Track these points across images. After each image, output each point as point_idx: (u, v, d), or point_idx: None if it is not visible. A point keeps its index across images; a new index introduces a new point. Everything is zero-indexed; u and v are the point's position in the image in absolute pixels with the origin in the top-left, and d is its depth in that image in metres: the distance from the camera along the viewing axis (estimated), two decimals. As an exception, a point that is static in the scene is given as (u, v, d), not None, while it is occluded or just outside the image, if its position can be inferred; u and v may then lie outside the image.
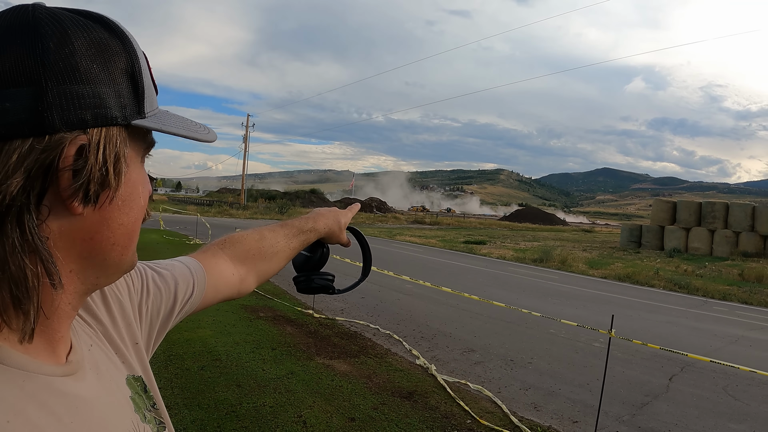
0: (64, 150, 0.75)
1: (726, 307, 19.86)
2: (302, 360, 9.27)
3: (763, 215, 41.05)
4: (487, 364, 10.23)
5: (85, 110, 0.77)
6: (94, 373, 0.95)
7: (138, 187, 0.90)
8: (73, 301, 0.87)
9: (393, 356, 10.06)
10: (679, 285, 24.44)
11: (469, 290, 17.87)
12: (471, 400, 8.16)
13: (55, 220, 0.78)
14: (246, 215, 66.74)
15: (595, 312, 16.47)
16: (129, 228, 0.89)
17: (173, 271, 1.38)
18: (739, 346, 13.24)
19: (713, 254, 41.60)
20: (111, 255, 0.88)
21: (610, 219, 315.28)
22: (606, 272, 28.48)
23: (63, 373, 0.85)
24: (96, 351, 1.02)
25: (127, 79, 0.84)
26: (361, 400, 7.72)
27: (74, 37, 0.77)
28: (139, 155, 0.92)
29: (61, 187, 0.76)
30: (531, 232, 77.95)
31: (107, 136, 0.81)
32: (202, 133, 1.01)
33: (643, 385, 9.59)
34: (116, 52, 0.83)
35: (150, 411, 1.09)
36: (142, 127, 0.88)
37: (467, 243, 44.18)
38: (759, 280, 27.58)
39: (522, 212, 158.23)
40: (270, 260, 1.70)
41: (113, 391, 0.99)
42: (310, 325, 11.78)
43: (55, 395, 0.81)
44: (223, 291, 1.55)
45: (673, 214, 46.68)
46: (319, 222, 1.82)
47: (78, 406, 0.84)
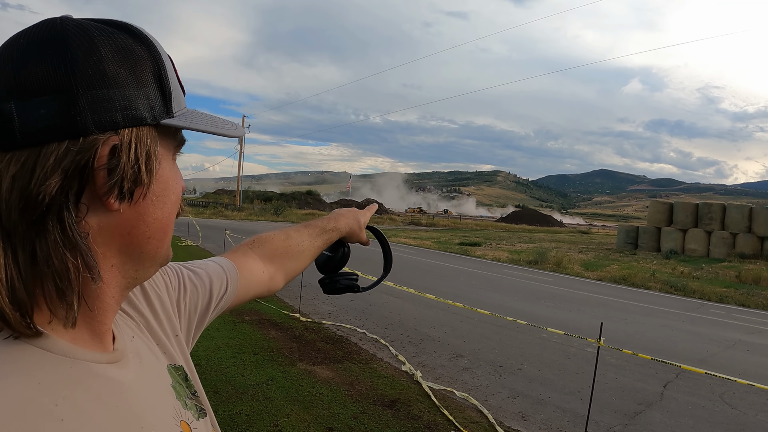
0: (98, 150, 0.80)
1: (723, 310, 19.62)
2: (284, 366, 9.02)
3: (760, 216, 41.08)
4: (475, 370, 9.92)
5: (116, 112, 0.81)
6: (136, 361, 1.00)
7: (171, 183, 0.95)
8: (116, 294, 0.92)
9: (378, 362, 9.79)
10: (675, 287, 24.22)
11: (462, 293, 17.70)
12: (456, 409, 7.86)
13: (94, 216, 0.83)
14: (241, 217, 66.58)
15: (589, 315, 16.16)
16: (163, 222, 0.94)
17: (207, 270, 1.46)
18: (736, 351, 12.92)
19: (710, 256, 41.57)
20: (147, 248, 0.92)
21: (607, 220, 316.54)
22: (601, 274, 28.24)
23: (107, 360, 0.89)
24: (137, 342, 1.07)
25: (154, 81, 0.88)
26: (341, 409, 7.47)
27: (101, 45, 0.82)
28: (170, 153, 0.96)
29: (97, 185, 0.81)
30: (527, 234, 77.93)
31: (138, 135, 0.85)
32: (229, 129, 1.04)
33: (637, 393, 9.24)
34: (142, 57, 0.87)
35: (191, 398, 1.13)
36: (171, 125, 0.91)
37: (462, 245, 44.01)
38: (756, 282, 27.41)
39: (519, 214, 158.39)
40: (296, 259, 1.78)
41: (155, 379, 1.04)
42: (296, 329, 11.52)
43: (100, 381, 0.85)
44: (254, 288, 1.63)
45: (669, 215, 46.70)
46: (340, 221, 1.90)
47: (122, 391, 0.88)
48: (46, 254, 0.77)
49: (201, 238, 29.15)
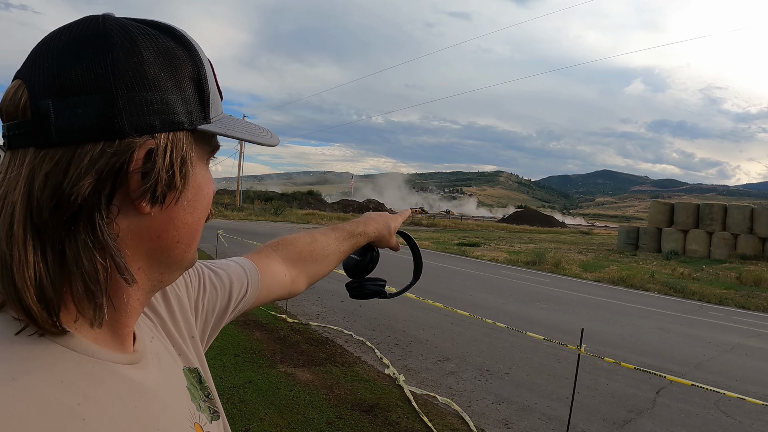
0: (134, 153, 0.79)
1: (722, 312, 19.33)
2: (264, 368, 8.85)
3: (761, 217, 40.96)
4: (461, 374, 9.62)
5: (154, 116, 0.81)
6: (156, 363, 1.00)
7: (203, 188, 0.95)
8: (140, 297, 0.92)
9: (362, 365, 9.56)
10: (674, 289, 23.94)
11: (455, 294, 17.53)
12: (436, 415, 7.62)
13: (125, 219, 0.83)
14: (240, 216, 66.41)
15: (583, 318, 15.83)
16: (193, 227, 0.93)
17: (228, 271, 1.44)
18: (733, 355, 12.55)
19: (711, 257, 41.45)
20: (175, 252, 0.92)
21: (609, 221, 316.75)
22: (600, 275, 27.97)
23: (128, 362, 0.90)
24: (156, 343, 1.07)
25: (193, 86, 0.88)
26: (317, 414, 7.27)
27: (143, 46, 0.81)
28: (204, 158, 0.96)
29: (131, 188, 0.81)
30: (528, 234, 77.92)
31: (174, 140, 0.85)
32: (265, 138, 1.05)
33: (628, 400, 8.89)
34: (182, 60, 0.87)
35: (205, 401, 1.12)
36: (208, 131, 0.91)
37: (461, 245, 43.83)
38: (757, 283, 27.09)
39: (520, 214, 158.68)
40: (321, 263, 1.75)
41: (172, 381, 1.04)
42: (281, 331, 11.33)
43: (121, 381, 0.86)
44: (275, 291, 1.61)
45: (670, 216, 46.57)
46: (370, 226, 1.88)
47: (142, 392, 0.89)
48: (76, 254, 0.77)
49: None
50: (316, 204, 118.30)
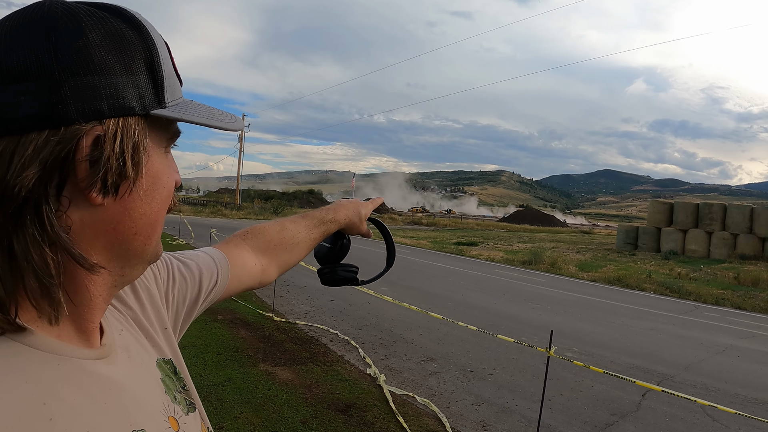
0: (81, 141, 0.76)
1: (718, 313, 19.16)
2: (245, 366, 8.80)
3: (761, 217, 41.04)
4: (443, 375, 9.49)
5: (101, 101, 0.78)
6: (125, 356, 0.98)
7: (161, 177, 0.91)
8: (104, 292, 0.89)
9: (344, 364, 9.48)
10: (670, 289, 23.81)
11: (447, 293, 17.43)
12: (413, 416, 7.53)
13: (77, 211, 0.79)
14: (239, 216, 66.52)
15: (574, 318, 15.70)
16: (151, 218, 0.90)
17: (198, 261, 1.43)
18: (726, 357, 12.36)
19: (710, 256, 41.53)
20: (133, 244, 0.89)
21: (610, 221, 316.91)
22: (596, 275, 27.86)
23: (96, 356, 0.88)
24: (126, 335, 1.05)
25: (145, 69, 0.85)
26: (292, 413, 7.19)
27: (89, 29, 0.78)
28: (161, 145, 0.92)
29: (79, 178, 0.77)
30: (528, 234, 78.04)
31: (124, 126, 0.82)
32: (227, 122, 1.01)
33: (612, 402, 8.73)
34: (133, 42, 0.84)
35: (180, 392, 1.10)
36: (162, 116, 0.87)
37: (458, 244, 43.92)
38: (755, 283, 26.96)
39: (521, 213, 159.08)
40: (291, 251, 1.74)
41: (144, 374, 1.02)
42: (267, 329, 11.25)
43: (88, 377, 0.84)
44: (245, 281, 1.58)
45: (670, 215, 46.63)
46: (340, 213, 1.85)
47: (111, 388, 0.87)
48: (24, 249, 0.74)
49: (193, 236, 29.20)
50: (316, 203, 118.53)
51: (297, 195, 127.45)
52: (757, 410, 8.79)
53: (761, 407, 9.00)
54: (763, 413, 8.66)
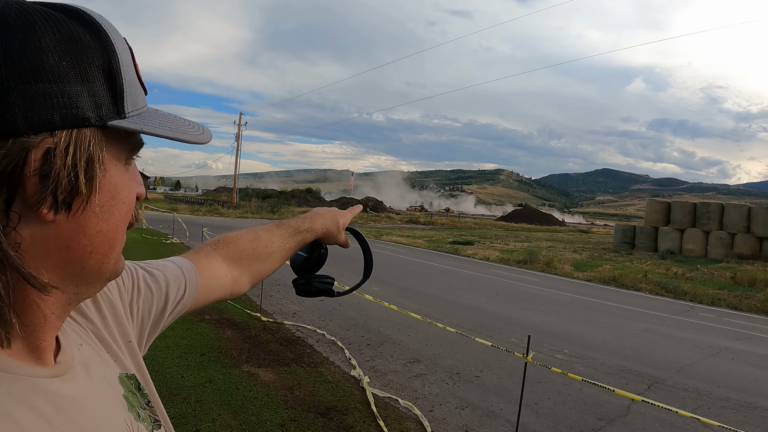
0: (30, 154, 0.72)
1: (713, 314, 18.95)
2: (227, 367, 8.65)
3: (759, 216, 41.07)
4: (429, 377, 9.30)
5: (52, 110, 0.73)
6: (84, 373, 0.94)
7: (120, 192, 0.86)
8: (56, 311, 0.84)
9: (328, 366, 9.32)
10: (666, 289, 23.62)
11: (439, 293, 17.35)
12: (394, 420, 7.36)
13: (27, 227, 0.75)
14: (236, 215, 66.66)
15: (567, 318, 15.53)
16: (109, 235, 0.85)
17: (165, 272, 1.37)
18: (719, 359, 12.15)
19: (708, 256, 41.53)
20: (89, 263, 0.84)
21: (609, 220, 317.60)
22: (592, 275, 27.69)
23: (51, 375, 0.84)
24: (87, 350, 1.00)
25: (103, 77, 0.80)
26: (271, 415, 7.04)
27: (42, 32, 0.73)
28: (121, 157, 0.87)
29: (28, 193, 0.73)
30: (525, 233, 78.06)
31: (78, 138, 0.77)
32: (192, 134, 0.96)
33: (600, 406, 8.51)
34: (89, 47, 0.78)
35: (144, 409, 1.07)
36: (120, 128, 0.82)
37: (454, 243, 43.81)
38: (751, 283, 26.79)
39: (519, 212, 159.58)
40: (264, 261, 1.68)
41: (105, 390, 0.97)
42: (253, 329, 11.10)
43: (43, 396, 0.80)
44: (215, 292, 1.53)
45: (667, 214, 46.65)
46: (317, 222, 1.80)
47: (68, 407, 0.83)
48: None
49: (188, 236, 29.12)
50: (314, 202, 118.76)
51: (295, 194, 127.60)
52: (749, 415, 8.66)
53: (754, 412, 8.81)
54: (755, 418, 8.55)
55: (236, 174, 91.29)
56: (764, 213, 41.24)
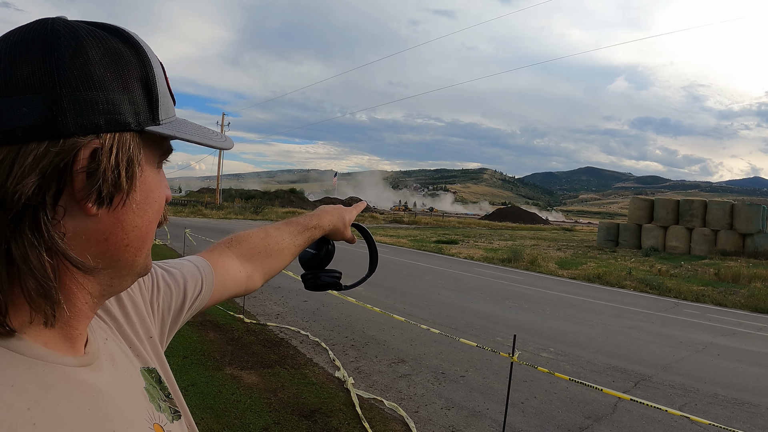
0: (79, 153, 0.78)
1: (698, 310, 18.98)
2: (210, 370, 8.57)
3: (741, 213, 41.45)
4: (414, 377, 9.20)
5: (99, 116, 0.80)
6: (110, 364, 0.98)
7: (153, 191, 0.93)
8: (90, 301, 0.89)
9: (312, 367, 9.22)
10: (650, 286, 23.63)
11: (423, 293, 17.25)
12: (380, 421, 7.29)
13: (71, 220, 0.81)
14: (219, 215, 66.21)
15: (552, 317, 15.48)
16: (143, 230, 0.92)
17: (182, 270, 1.42)
18: (705, 356, 12.12)
19: (691, 253, 41.81)
20: (125, 256, 0.90)
21: (592, 218, 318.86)
22: (576, 273, 27.72)
23: (80, 364, 0.88)
24: (111, 344, 1.05)
25: (141, 87, 0.87)
26: (255, 418, 6.98)
27: (89, 47, 0.81)
28: (154, 161, 0.94)
29: (76, 188, 0.79)
30: (509, 231, 78.19)
31: (120, 140, 0.84)
32: (217, 141, 1.04)
33: (587, 405, 8.43)
34: (130, 61, 0.86)
35: (165, 401, 1.10)
36: (156, 133, 0.89)
37: (438, 243, 43.69)
38: (735, 280, 26.92)
39: (503, 211, 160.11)
40: (276, 257, 1.74)
41: (128, 382, 1.01)
42: (236, 331, 10.99)
43: (72, 384, 0.84)
44: (230, 288, 1.59)
45: (650, 212, 46.90)
46: (324, 219, 1.86)
47: (95, 395, 0.87)
48: (23, 253, 0.76)
49: (169, 237, 28.95)
50: (298, 202, 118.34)
51: (278, 194, 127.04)
52: (736, 411, 8.62)
53: (741, 408, 8.76)
54: (743, 414, 8.51)
55: (219, 175, 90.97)
56: (747, 210, 41.58)
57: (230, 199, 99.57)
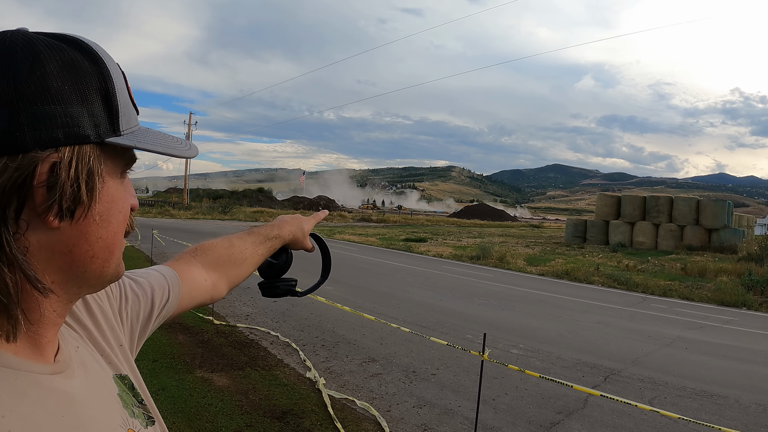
0: (37, 168, 0.78)
1: (665, 304, 19.13)
2: (181, 373, 8.45)
3: (707, 209, 41.94)
4: (385, 376, 9.17)
5: (57, 129, 0.80)
6: (82, 371, 0.98)
7: (117, 201, 0.92)
8: (57, 308, 0.90)
9: (283, 368, 9.14)
10: (618, 281, 23.75)
11: (392, 291, 17.20)
12: (352, 421, 7.26)
13: (34, 234, 0.81)
14: (187, 216, 65.61)
15: (521, 313, 15.51)
16: (108, 241, 0.91)
17: (149, 279, 1.42)
18: (673, 349, 12.22)
19: (658, 248, 42.25)
20: (91, 267, 0.90)
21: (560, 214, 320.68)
22: (545, 269, 27.82)
23: (52, 371, 0.88)
24: (83, 352, 1.04)
25: (101, 98, 0.87)
26: (227, 421, 6.89)
27: (46, 60, 0.80)
28: (117, 171, 0.93)
29: (36, 202, 0.79)
30: (478, 229, 78.29)
31: (80, 153, 0.83)
32: (181, 150, 1.04)
33: (558, 400, 8.46)
34: (88, 72, 0.85)
35: (138, 407, 1.11)
36: (117, 144, 0.89)
37: (407, 241, 43.57)
38: (702, 274, 27.23)
39: (471, 209, 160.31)
40: (239, 266, 1.75)
41: (101, 388, 1.01)
42: (206, 333, 10.86)
43: (45, 392, 0.84)
44: (197, 296, 1.59)
45: (618, 208, 47.23)
46: (284, 229, 1.89)
47: (69, 402, 0.87)
48: None
49: (140, 239, 28.60)
50: (266, 201, 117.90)
51: (246, 194, 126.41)
52: (705, 403, 8.70)
53: (710, 399, 8.84)
54: (711, 406, 8.60)
55: (187, 174, 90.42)
56: (713, 205, 42.11)
57: (198, 199, 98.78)
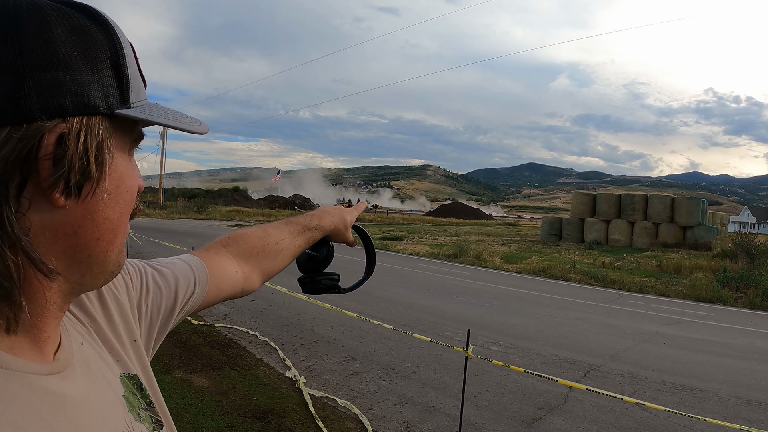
0: (44, 138, 0.73)
1: (642, 300, 19.28)
2: (159, 374, 7.88)
3: (681, 207, 42.41)
4: (365, 374, 9.15)
5: (65, 97, 0.75)
6: (83, 372, 0.92)
7: (125, 180, 0.87)
8: (58, 300, 0.84)
9: (263, 368, 9.10)
10: (595, 278, 23.92)
11: (369, 289, 17.08)
12: (334, 420, 7.22)
13: (37, 213, 0.76)
14: (163, 215, 65.06)
15: (500, 311, 15.55)
16: (114, 222, 0.86)
17: (174, 270, 1.36)
18: (651, 345, 12.31)
19: (633, 245, 42.48)
20: (95, 251, 0.84)
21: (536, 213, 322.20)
22: (521, 267, 27.86)
23: (49, 372, 0.83)
24: (87, 349, 0.99)
25: (111, 68, 0.82)
26: (207, 422, 6.82)
27: (54, 24, 0.75)
28: (125, 147, 0.88)
29: (42, 177, 0.75)
30: (454, 227, 78.27)
31: (89, 125, 0.78)
32: (192, 125, 0.98)
33: (539, 396, 8.50)
34: (98, 39, 0.80)
35: (146, 410, 1.05)
36: (127, 116, 0.84)
37: (383, 239, 43.43)
38: (677, 270, 27.44)
39: (447, 207, 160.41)
40: (274, 258, 1.67)
41: (104, 390, 0.96)
42: (183, 333, 10.72)
43: (39, 395, 0.79)
44: (226, 289, 1.52)
45: (593, 206, 47.43)
46: (325, 219, 1.81)
47: (64, 406, 0.82)
48: None
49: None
50: (241, 200, 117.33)
51: (222, 193, 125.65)
52: (684, 397, 8.79)
53: (689, 393, 8.93)
54: (691, 399, 8.68)
55: (162, 173, 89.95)
56: (687, 203, 42.53)
57: (173, 199, 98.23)
